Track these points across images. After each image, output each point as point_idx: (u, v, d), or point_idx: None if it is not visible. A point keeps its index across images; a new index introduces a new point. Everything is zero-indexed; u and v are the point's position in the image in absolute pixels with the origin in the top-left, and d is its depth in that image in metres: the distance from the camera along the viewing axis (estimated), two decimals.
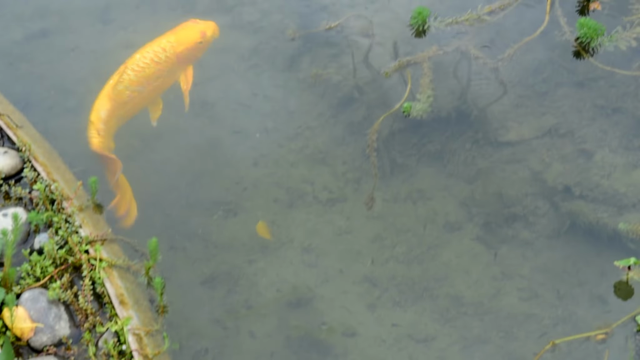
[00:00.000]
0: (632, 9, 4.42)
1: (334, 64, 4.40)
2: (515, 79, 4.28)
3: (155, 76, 4.28)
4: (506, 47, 4.35)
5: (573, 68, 4.28)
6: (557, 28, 4.39)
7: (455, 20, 4.46)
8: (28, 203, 3.68)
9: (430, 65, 4.30)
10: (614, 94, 4.18)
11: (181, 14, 4.64)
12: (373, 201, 3.97)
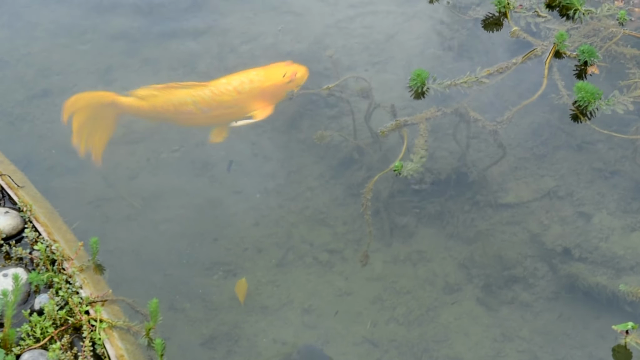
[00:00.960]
0: (628, 73, 4.48)
1: (334, 125, 4.43)
2: (515, 141, 4.31)
3: (229, 104, 4.40)
4: (505, 109, 4.39)
5: (571, 131, 4.32)
6: (555, 91, 4.44)
7: (454, 82, 4.50)
8: (29, 263, 3.68)
9: (426, 126, 4.34)
10: (612, 157, 4.21)
11: (182, 74, 4.68)
12: (367, 258, 3.98)
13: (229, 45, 4.83)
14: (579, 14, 4.72)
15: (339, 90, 4.54)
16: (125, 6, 5.03)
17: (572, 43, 4.60)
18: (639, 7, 4.76)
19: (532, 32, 4.70)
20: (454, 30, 4.78)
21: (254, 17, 4.96)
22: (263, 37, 4.86)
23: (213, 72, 4.67)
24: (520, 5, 4.81)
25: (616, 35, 4.62)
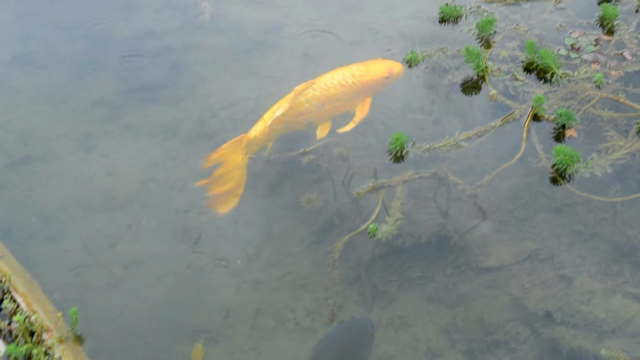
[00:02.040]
0: (606, 136, 4.51)
1: (315, 189, 4.44)
2: (495, 204, 4.33)
3: (336, 97, 4.61)
4: (485, 173, 4.42)
5: (551, 194, 4.34)
6: (534, 154, 4.46)
7: (433, 146, 4.53)
8: (7, 335, 3.65)
9: (403, 188, 4.36)
10: (592, 220, 4.23)
11: (163, 140, 4.69)
12: (334, 317, 3.96)
13: (210, 110, 4.85)
14: (556, 77, 4.77)
15: (320, 154, 4.56)
16: (106, 72, 5.05)
17: (550, 106, 4.64)
18: (615, 70, 4.81)
19: (510, 95, 4.75)
20: (434, 94, 4.82)
21: (234, 82, 4.99)
22: (244, 101, 4.88)
23: (194, 138, 4.69)
24: (498, 68, 4.86)
25: (593, 98, 4.67)
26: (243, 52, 5.17)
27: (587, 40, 4.99)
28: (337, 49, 5.13)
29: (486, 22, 4.99)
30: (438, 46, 5.03)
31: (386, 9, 5.38)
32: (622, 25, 5.07)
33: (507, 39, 5.05)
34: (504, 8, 5.25)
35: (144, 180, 4.53)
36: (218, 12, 5.40)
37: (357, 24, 5.30)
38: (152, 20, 5.36)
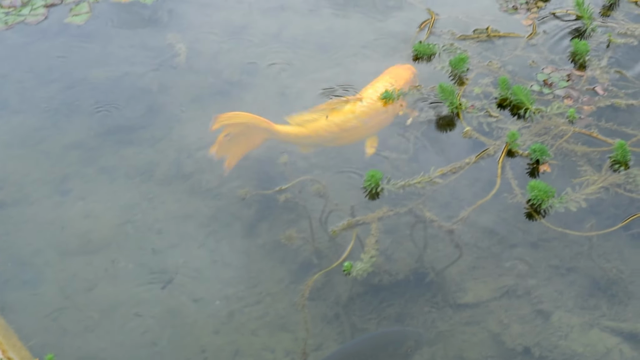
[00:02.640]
0: (580, 171, 4.55)
1: (293, 228, 4.44)
2: (472, 240, 4.34)
3: (382, 110, 4.77)
4: (460, 209, 4.44)
5: (527, 229, 4.36)
6: (509, 190, 4.49)
7: (408, 183, 4.55)
8: None
9: (378, 226, 4.37)
10: (568, 254, 4.25)
11: (139, 182, 4.69)
12: (306, 356, 3.95)
13: (187, 151, 4.85)
14: (529, 112, 4.81)
15: (297, 192, 4.57)
16: (81, 115, 5.05)
17: (524, 142, 4.68)
18: (587, 105, 4.86)
19: (485, 131, 4.78)
20: (410, 131, 4.84)
21: (210, 122, 4.99)
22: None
23: (171, 179, 4.69)
24: (472, 105, 4.90)
25: (567, 133, 4.72)
26: (219, 93, 5.19)
27: (560, 75, 5.04)
28: (312, 88, 5.15)
29: (459, 60, 5.03)
30: (412, 84, 5.07)
31: (361, 47, 5.42)
32: (594, 61, 5.13)
33: (480, 76, 5.10)
34: (476, 45, 5.30)
35: (121, 223, 4.52)
36: (193, 53, 5.43)
37: (332, 62, 5.33)
38: (127, 62, 5.38)
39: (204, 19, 5.69)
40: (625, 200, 4.42)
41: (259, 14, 5.71)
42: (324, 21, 5.62)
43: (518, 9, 5.55)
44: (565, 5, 5.56)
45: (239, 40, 5.52)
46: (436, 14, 5.54)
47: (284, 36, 5.53)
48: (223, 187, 4.66)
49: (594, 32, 5.33)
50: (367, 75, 5.15)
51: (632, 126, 4.75)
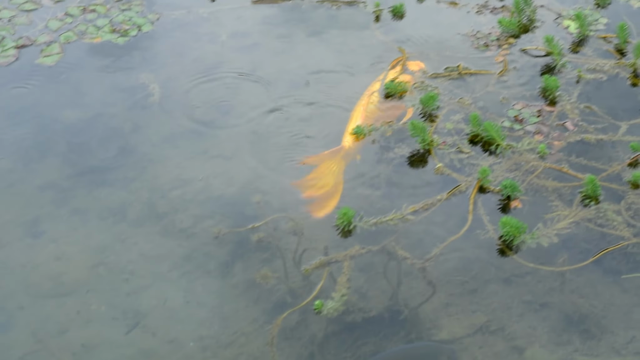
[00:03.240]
0: (551, 206, 4.58)
1: (267, 267, 4.43)
2: (445, 277, 4.35)
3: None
4: (433, 246, 4.45)
5: (500, 265, 4.37)
6: (481, 226, 4.51)
7: (380, 220, 4.56)
8: None
9: (350, 264, 4.37)
10: (541, 290, 4.26)
11: (112, 223, 4.67)
12: None
13: (160, 191, 4.85)
14: (500, 148, 4.85)
15: (271, 231, 4.57)
16: (53, 156, 5.04)
17: (495, 178, 4.71)
18: (558, 140, 4.90)
19: (456, 168, 4.81)
20: (382, 169, 4.86)
21: (183, 162, 5.00)
22: (193, 181, 4.89)
23: (144, 220, 4.68)
24: (444, 142, 4.93)
25: (537, 169, 4.75)
26: (192, 132, 5.19)
27: (530, 111, 5.08)
28: (286, 126, 5.17)
29: (429, 98, 5.07)
30: (384, 120, 5.10)
31: (334, 84, 5.44)
32: (564, 96, 5.18)
33: (452, 112, 5.13)
34: (448, 83, 5.34)
35: (93, 265, 4.50)
36: (166, 92, 5.44)
37: (305, 100, 5.35)
38: (99, 103, 5.38)
39: (177, 59, 5.70)
40: (596, 235, 4.45)
41: (232, 53, 5.73)
42: (296, 59, 5.65)
43: (489, 46, 5.60)
44: (536, 41, 5.62)
45: (212, 79, 5.54)
46: (408, 52, 5.58)
47: (257, 74, 5.55)
48: (196, 226, 4.65)
49: (564, 68, 5.39)
50: (343, 111, 5.17)
51: (602, 161, 4.79)
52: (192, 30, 5.90)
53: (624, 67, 5.38)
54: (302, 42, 5.77)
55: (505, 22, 5.62)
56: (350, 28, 5.85)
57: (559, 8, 5.88)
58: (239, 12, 6.03)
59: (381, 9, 5.94)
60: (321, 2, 6.04)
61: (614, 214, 4.51)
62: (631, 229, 4.46)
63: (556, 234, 4.44)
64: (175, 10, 6.05)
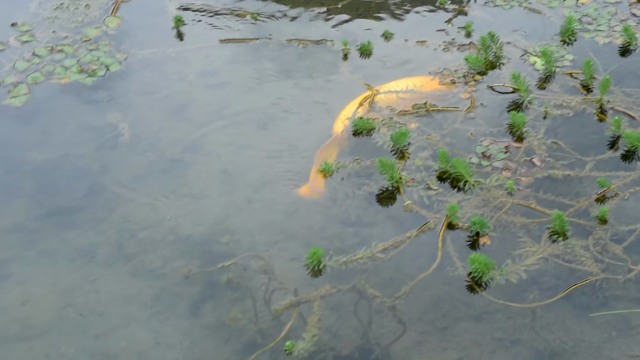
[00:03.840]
0: (520, 242, 4.60)
1: (237, 307, 4.42)
2: (416, 315, 4.35)
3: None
4: (403, 284, 4.45)
5: (470, 302, 4.38)
6: (450, 263, 4.52)
7: (350, 259, 4.57)
8: None
9: (321, 303, 4.37)
10: (512, 327, 4.27)
11: (81, 264, 4.64)
12: None
13: (129, 231, 4.82)
14: (469, 185, 4.87)
15: (241, 271, 4.56)
16: (21, 197, 5.01)
17: (464, 214, 4.73)
18: (525, 176, 4.93)
19: (425, 205, 4.83)
20: (351, 206, 4.87)
21: (153, 201, 4.98)
22: (162, 221, 4.87)
23: (113, 261, 4.65)
24: (412, 179, 4.95)
25: (506, 205, 4.78)
26: (161, 171, 5.18)
27: (498, 147, 5.12)
28: (256, 164, 5.18)
29: (400, 134, 5.09)
30: (353, 158, 5.11)
31: (302, 123, 5.46)
32: (531, 132, 5.22)
33: (420, 149, 5.16)
34: (416, 119, 5.37)
35: (62, 307, 4.46)
36: (135, 132, 5.42)
37: (275, 138, 5.36)
38: (67, 143, 5.36)
39: (146, 98, 5.70)
40: (565, 271, 4.47)
41: (200, 92, 5.73)
42: (265, 97, 5.66)
43: (456, 83, 5.64)
44: (503, 78, 5.67)
45: (181, 118, 5.54)
46: (375, 90, 5.61)
47: (226, 113, 5.56)
48: (166, 267, 4.63)
49: (530, 104, 5.43)
50: (309, 151, 5.19)
51: (570, 197, 4.83)
52: (161, 70, 5.91)
53: (590, 102, 5.43)
54: (270, 80, 5.79)
55: (472, 59, 5.67)
56: (319, 66, 5.88)
57: (525, 45, 5.93)
58: (207, 52, 6.05)
59: (349, 48, 5.97)
60: (289, 41, 6.07)
61: (582, 250, 4.54)
62: (599, 264, 4.49)
63: (525, 270, 4.46)
64: (143, 50, 6.05)
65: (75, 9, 6.41)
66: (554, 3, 6.33)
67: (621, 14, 6.17)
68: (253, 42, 6.10)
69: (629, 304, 4.32)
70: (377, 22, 6.27)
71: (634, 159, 5.05)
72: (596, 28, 6.06)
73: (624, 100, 5.43)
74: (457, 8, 6.34)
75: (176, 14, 6.32)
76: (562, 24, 5.99)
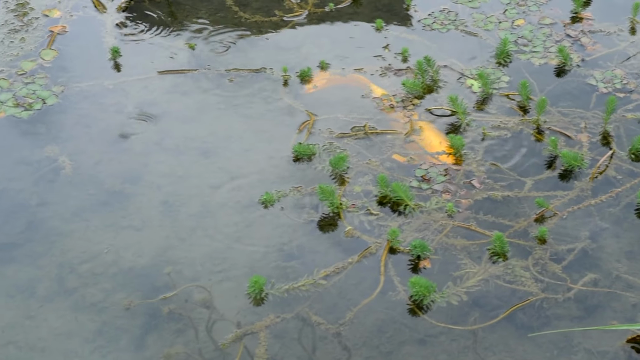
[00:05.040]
0: (460, 264, 4.63)
1: (180, 339, 4.38)
2: (360, 340, 4.35)
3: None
4: (347, 310, 4.45)
5: (413, 326, 4.39)
6: (392, 288, 4.53)
7: (292, 286, 4.56)
8: None
9: (266, 334, 4.35)
10: (455, 349, 4.28)
11: (20, 300, 4.58)
12: None
13: (69, 265, 4.77)
14: (409, 209, 4.90)
15: (182, 302, 4.53)
16: None
17: (405, 238, 4.75)
18: (465, 198, 4.97)
19: (366, 230, 4.84)
20: (292, 234, 4.87)
21: (93, 234, 4.94)
22: (103, 254, 4.83)
23: (53, 296, 4.60)
24: (353, 204, 4.96)
25: (446, 228, 4.81)
26: (101, 204, 5.14)
27: (437, 170, 5.15)
28: (197, 194, 5.16)
29: (339, 159, 5.11)
30: (293, 185, 5.12)
31: (243, 151, 5.45)
32: (470, 154, 5.27)
33: (360, 174, 5.17)
34: (355, 142, 5.39)
35: (3, 344, 4.40)
36: (74, 165, 5.37)
37: (215, 167, 5.35)
38: (4, 178, 5.30)
39: (84, 130, 5.65)
40: (506, 291, 4.50)
41: (139, 122, 5.70)
42: (206, 127, 5.65)
43: (395, 107, 5.67)
44: (440, 101, 5.72)
45: (120, 149, 5.50)
46: (315, 115, 5.63)
47: (165, 143, 5.54)
48: (107, 300, 4.59)
49: (468, 126, 5.48)
50: (251, 177, 5.19)
51: (509, 217, 4.88)
52: (99, 102, 5.87)
53: (527, 123, 5.50)
54: (210, 110, 5.78)
55: (409, 84, 5.71)
56: (259, 94, 5.88)
57: (461, 67, 5.99)
58: (145, 83, 6.02)
59: (289, 75, 5.99)
60: (228, 71, 6.07)
61: (522, 270, 4.58)
62: (539, 284, 4.53)
63: (466, 292, 4.48)
64: (80, 83, 6.00)
65: (10, 43, 6.36)
66: (490, 26, 6.41)
67: (556, 35, 6.26)
68: (192, 72, 6.09)
69: (570, 323, 4.37)
70: (316, 49, 6.29)
71: (572, 178, 5.12)
72: (532, 49, 6.14)
73: (560, 120, 5.51)
74: (394, 33, 6.39)
75: (113, 45, 6.29)
76: (498, 46, 6.06)
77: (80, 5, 6.79)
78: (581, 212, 4.90)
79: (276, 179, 5.20)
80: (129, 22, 6.62)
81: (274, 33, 6.48)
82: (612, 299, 4.46)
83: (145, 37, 6.47)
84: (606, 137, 5.36)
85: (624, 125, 5.45)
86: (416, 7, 6.62)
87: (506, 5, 6.58)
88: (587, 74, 5.87)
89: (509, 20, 6.44)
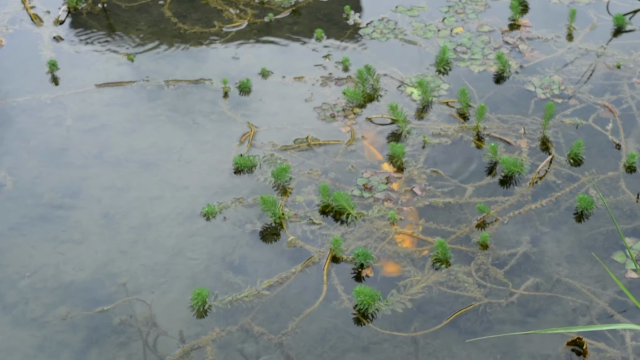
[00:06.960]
0: (404, 271, 4.64)
1: (124, 353, 4.34)
2: (304, 349, 4.34)
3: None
4: (290, 320, 4.44)
5: (357, 334, 4.39)
6: (336, 297, 4.53)
7: (235, 297, 4.54)
8: None
9: (213, 348, 4.32)
10: (399, 355, 4.29)
11: None
12: None
13: (8, 281, 4.70)
14: (351, 217, 4.90)
15: (125, 315, 4.48)
16: None
17: (348, 247, 4.76)
18: (407, 206, 4.99)
19: (309, 239, 4.84)
20: (235, 245, 4.85)
21: (32, 249, 4.87)
22: (44, 268, 4.77)
23: None
24: (295, 214, 4.96)
25: (389, 235, 4.82)
26: (40, 218, 5.07)
27: (379, 179, 5.17)
28: (137, 206, 5.11)
29: (280, 170, 5.10)
30: (235, 197, 5.10)
31: (184, 163, 5.42)
32: (411, 162, 5.29)
33: (302, 184, 5.17)
34: (298, 154, 5.39)
35: None
36: (13, 179, 5.30)
37: (156, 179, 5.31)
38: None
39: (22, 144, 5.58)
40: (449, 298, 4.53)
41: (79, 136, 5.64)
42: (145, 139, 5.60)
43: (335, 116, 5.68)
44: (381, 110, 5.74)
45: (60, 163, 5.44)
46: (256, 127, 5.61)
47: (105, 156, 5.48)
48: (48, 315, 4.53)
49: (409, 134, 5.51)
50: (193, 189, 5.16)
51: (451, 224, 4.90)
52: (37, 115, 5.79)
53: (467, 130, 5.54)
54: (150, 122, 5.74)
55: (350, 93, 5.73)
56: (199, 106, 5.85)
57: (401, 76, 6.02)
58: (83, 96, 5.96)
59: (229, 86, 5.97)
60: (167, 83, 6.03)
61: (465, 276, 4.61)
62: (482, 289, 4.56)
63: (409, 299, 4.50)
64: (17, 97, 5.93)
65: None
66: (429, 34, 6.45)
67: (494, 42, 6.32)
68: (130, 85, 6.05)
69: (512, 327, 4.40)
70: (256, 59, 6.28)
71: (512, 184, 5.16)
72: (470, 57, 6.19)
73: (499, 127, 5.56)
74: (334, 42, 6.41)
75: (50, 58, 6.22)
76: (437, 54, 6.10)
77: (17, 19, 6.72)
78: (522, 217, 4.95)
79: (218, 191, 5.18)
80: (66, 35, 6.56)
81: (213, 44, 6.46)
82: (553, 302, 4.50)
83: (83, 49, 6.41)
84: (545, 143, 5.42)
85: (563, 130, 5.51)
86: (355, 16, 6.64)
87: (445, 14, 6.64)
88: (526, 81, 5.94)
89: (447, 28, 6.50)
